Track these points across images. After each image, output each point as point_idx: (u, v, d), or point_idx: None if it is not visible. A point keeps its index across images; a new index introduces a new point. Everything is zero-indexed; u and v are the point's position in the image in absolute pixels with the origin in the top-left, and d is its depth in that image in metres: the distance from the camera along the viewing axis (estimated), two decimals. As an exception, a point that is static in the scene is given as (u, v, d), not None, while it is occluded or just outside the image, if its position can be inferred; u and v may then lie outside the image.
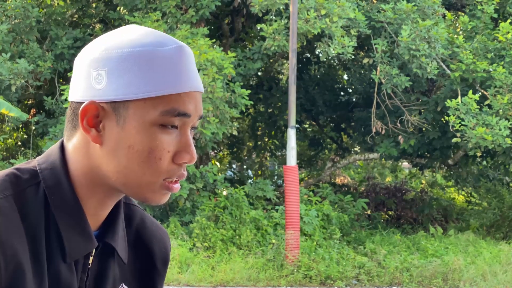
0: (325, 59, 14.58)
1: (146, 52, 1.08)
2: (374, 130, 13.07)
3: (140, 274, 1.24)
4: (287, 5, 12.25)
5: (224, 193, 11.94)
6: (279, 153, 17.87)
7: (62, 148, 1.14)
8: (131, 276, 1.23)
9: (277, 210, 11.85)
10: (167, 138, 1.09)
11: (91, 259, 1.15)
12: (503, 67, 11.94)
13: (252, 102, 12.11)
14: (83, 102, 1.10)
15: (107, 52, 1.09)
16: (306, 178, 16.57)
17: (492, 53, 12.42)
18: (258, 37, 13.95)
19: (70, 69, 12.30)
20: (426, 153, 14.35)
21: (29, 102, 15.12)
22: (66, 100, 11.79)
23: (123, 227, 1.21)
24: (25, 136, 15.48)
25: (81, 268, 1.13)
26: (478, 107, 11.75)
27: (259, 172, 17.74)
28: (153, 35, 1.11)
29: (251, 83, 15.70)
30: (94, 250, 1.15)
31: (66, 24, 14.18)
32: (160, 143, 1.08)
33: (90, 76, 1.10)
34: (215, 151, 16.53)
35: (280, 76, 17.16)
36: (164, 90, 1.08)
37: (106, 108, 1.09)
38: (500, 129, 11.27)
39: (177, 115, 1.09)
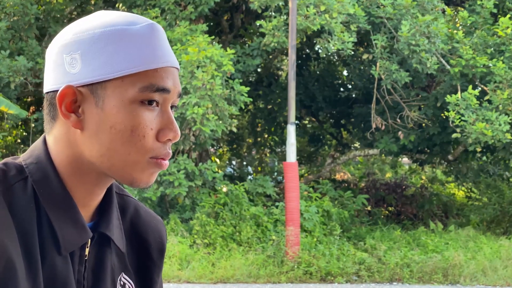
0: (324, 55, 14.56)
1: (118, 31, 1.08)
2: (374, 126, 13.05)
3: (137, 265, 1.23)
4: (286, 2, 12.23)
5: (224, 189, 11.94)
6: (279, 150, 17.86)
7: (45, 142, 1.13)
8: (130, 266, 1.22)
9: (277, 207, 11.84)
10: (148, 115, 1.08)
11: (87, 250, 1.13)
12: (503, 62, 11.92)
13: (251, 99, 12.10)
14: (59, 90, 1.09)
15: (78, 35, 1.09)
16: (306, 175, 16.57)
17: (492, 48, 12.40)
18: (258, 34, 13.93)
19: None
20: (426, 149, 14.34)
21: (28, 99, 15.11)
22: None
23: (117, 216, 1.19)
24: (24, 133, 15.47)
25: (77, 260, 1.12)
26: (478, 102, 11.73)
27: (259, 168, 17.74)
28: (124, 16, 1.11)
29: (250, 79, 15.69)
30: (89, 241, 1.13)
31: (65, 21, 14.15)
32: (142, 121, 1.07)
33: (63, 62, 1.09)
34: (215, 147, 16.53)
35: (280, 73, 17.14)
36: (140, 66, 1.07)
37: (84, 92, 1.08)
38: (500, 124, 11.25)
39: (156, 91, 1.08)
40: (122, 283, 1.19)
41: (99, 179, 1.12)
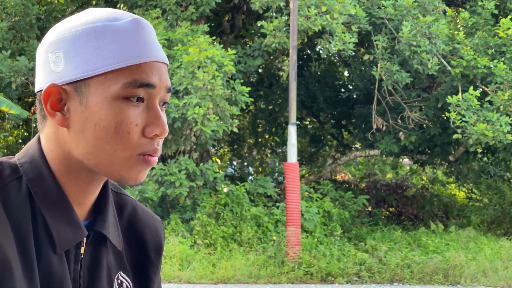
0: (325, 56, 14.56)
1: (100, 27, 1.07)
2: (374, 126, 13.06)
3: (134, 264, 1.22)
4: (287, 2, 12.24)
5: (225, 190, 11.95)
6: (280, 150, 17.88)
7: (39, 141, 1.13)
8: (127, 265, 1.21)
9: (277, 207, 11.85)
10: (133, 111, 1.07)
11: (82, 249, 1.13)
12: (504, 63, 11.92)
13: (252, 99, 12.11)
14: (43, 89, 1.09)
15: (62, 33, 1.09)
16: (307, 175, 16.57)
17: (493, 49, 12.40)
18: (259, 34, 13.94)
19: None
20: (426, 150, 14.35)
21: (30, 99, 15.12)
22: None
23: (114, 215, 1.19)
24: (25, 133, 15.49)
25: (73, 259, 1.12)
26: (479, 103, 11.73)
27: (260, 169, 17.75)
28: (109, 12, 1.10)
29: (251, 80, 15.70)
30: (85, 239, 1.13)
31: (66, 21, 14.15)
32: (126, 117, 1.06)
33: (49, 61, 1.09)
34: (216, 148, 16.54)
35: (281, 73, 17.15)
36: (122, 62, 1.06)
37: (68, 90, 1.08)
38: (501, 125, 11.26)
39: (140, 86, 1.07)
40: (119, 281, 1.19)
41: (91, 177, 1.11)
